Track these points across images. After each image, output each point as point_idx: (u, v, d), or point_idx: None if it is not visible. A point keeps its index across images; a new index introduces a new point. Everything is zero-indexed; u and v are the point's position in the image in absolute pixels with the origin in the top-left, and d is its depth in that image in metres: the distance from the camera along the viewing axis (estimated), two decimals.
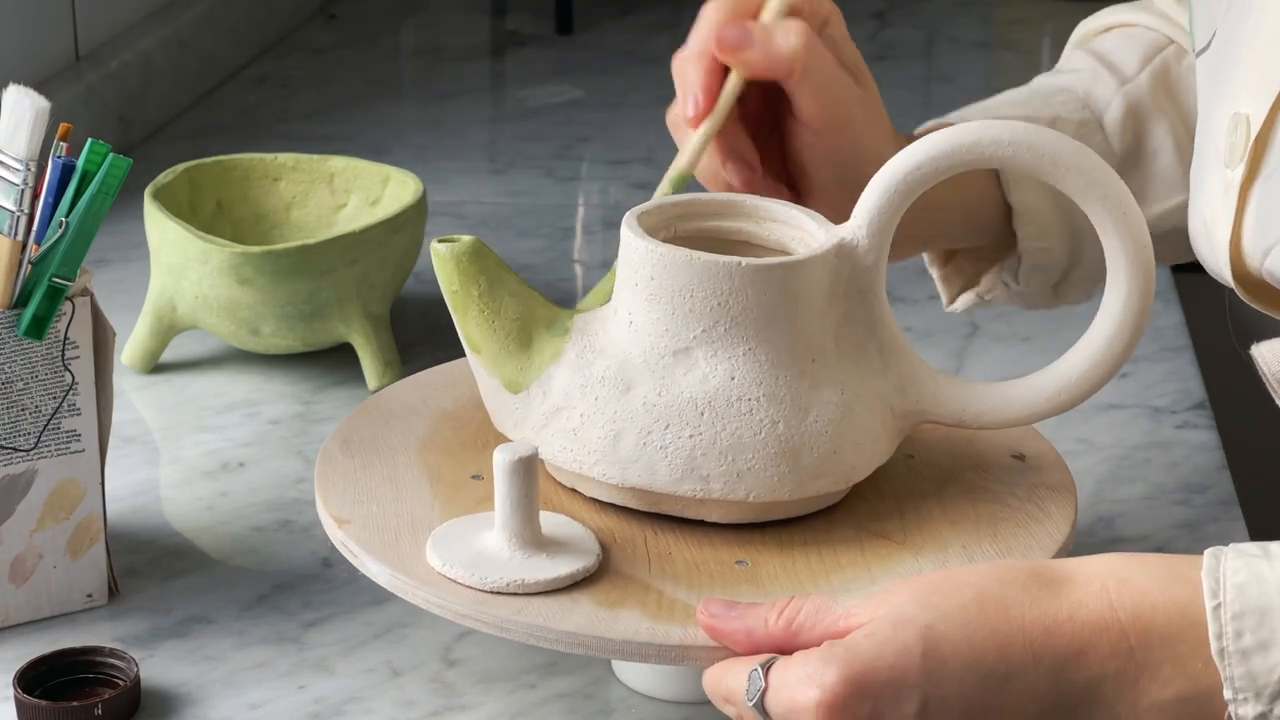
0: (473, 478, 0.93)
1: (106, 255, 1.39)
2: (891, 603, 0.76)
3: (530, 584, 0.84)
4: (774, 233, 0.93)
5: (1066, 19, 2.08)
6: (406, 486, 0.92)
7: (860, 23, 2.06)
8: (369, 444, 0.95)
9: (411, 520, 0.89)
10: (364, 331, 1.22)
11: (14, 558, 0.97)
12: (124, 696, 0.91)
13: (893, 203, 0.89)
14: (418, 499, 0.91)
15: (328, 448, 0.94)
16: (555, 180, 1.62)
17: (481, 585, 0.84)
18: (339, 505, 0.90)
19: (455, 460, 0.95)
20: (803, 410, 0.88)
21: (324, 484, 0.92)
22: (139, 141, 1.64)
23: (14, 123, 0.91)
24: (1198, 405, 1.23)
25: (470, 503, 0.91)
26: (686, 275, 0.88)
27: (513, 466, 0.84)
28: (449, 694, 0.94)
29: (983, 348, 1.31)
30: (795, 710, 0.75)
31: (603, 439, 0.88)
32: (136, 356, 1.25)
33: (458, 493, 0.92)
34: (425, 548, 0.87)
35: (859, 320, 0.91)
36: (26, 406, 0.95)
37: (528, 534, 0.85)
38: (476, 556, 0.85)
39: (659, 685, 0.93)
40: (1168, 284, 1.41)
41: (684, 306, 0.88)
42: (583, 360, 0.89)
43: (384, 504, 0.90)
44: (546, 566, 0.85)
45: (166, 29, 1.70)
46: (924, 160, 0.88)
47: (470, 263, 0.90)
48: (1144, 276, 0.90)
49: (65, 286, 0.93)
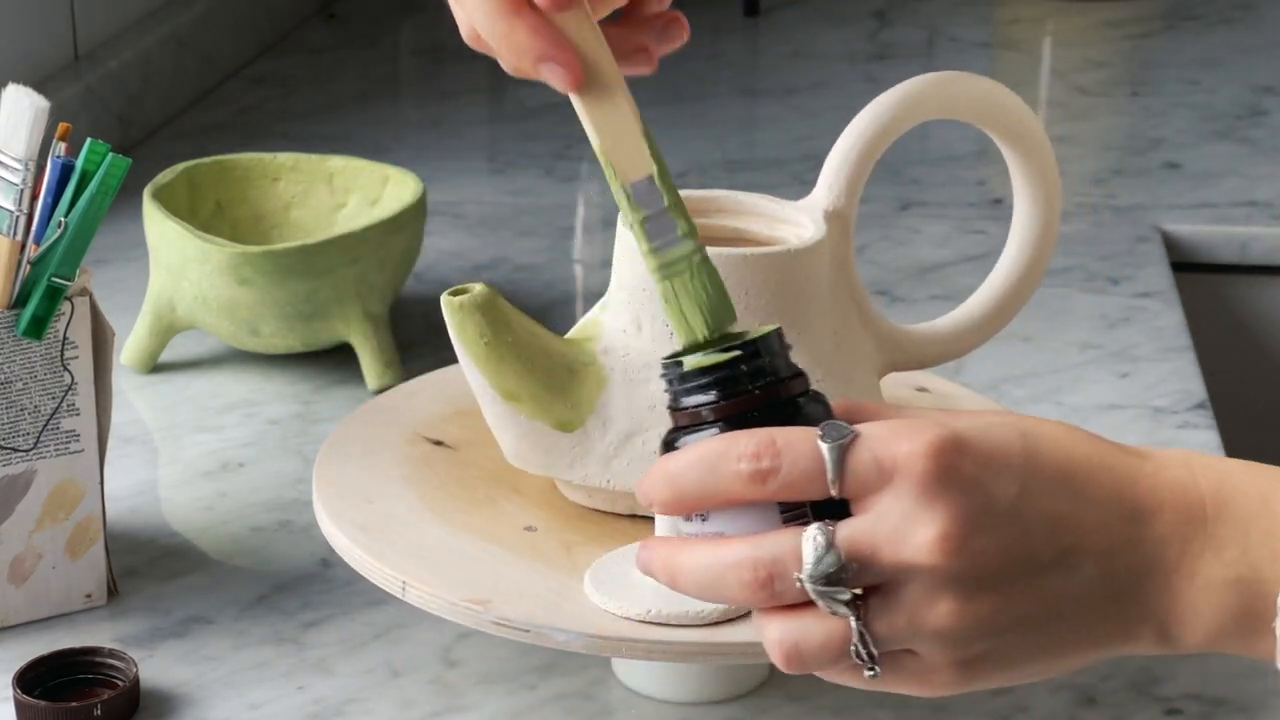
0: (526, 529, 0.91)
1: (106, 255, 1.39)
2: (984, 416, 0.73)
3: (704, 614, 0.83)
4: (754, 225, 0.94)
5: (1066, 19, 2.09)
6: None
7: (860, 23, 2.06)
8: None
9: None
10: (364, 331, 1.22)
11: (13, 558, 0.96)
12: (123, 697, 0.91)
13: (863, 167, 0.92)
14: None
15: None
16: (555, 180, 1.62)
17: (623, 614, 0.83)
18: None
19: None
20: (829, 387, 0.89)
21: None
22: (138, 141, 1.64)
23: (13, 122, 0.91)
24: (1198, 405, 1.23)
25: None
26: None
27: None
28: (449, 694, 0.93)
29: (983, 348, 1.31)
30: (893, 458, 0.69)
31: None
32: (136, 356, 1.24)
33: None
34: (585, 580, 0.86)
35: (844, 287, 0.92)
36: (26, 406, 0.95)
37: None
38: (624, 581, 0.85)
39: (659, 685, 0.93)
40: (1168, 284, 1.41)
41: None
42: (631, 379, 0.89)
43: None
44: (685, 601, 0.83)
45: (165, 29, 1.70)
46: (886, 120, 0.92)
47: (493, 311, 0.88)
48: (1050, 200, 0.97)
49: (64, 286, 0.93)
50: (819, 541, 0.69)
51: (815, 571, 0.69)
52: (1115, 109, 1.82)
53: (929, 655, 0.71)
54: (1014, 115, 0.95)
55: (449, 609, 0.84)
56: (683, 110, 1.78)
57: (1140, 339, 1.32)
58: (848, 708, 0.93)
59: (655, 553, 0.72)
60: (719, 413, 0.71)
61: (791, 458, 0.69)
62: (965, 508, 0.69)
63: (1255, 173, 1.63)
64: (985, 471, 0.70)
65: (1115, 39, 2.02)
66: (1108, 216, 1.54)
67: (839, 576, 0.69)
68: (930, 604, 0.69)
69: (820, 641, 0.70)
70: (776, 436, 0.69)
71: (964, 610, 0.70)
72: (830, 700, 0.93)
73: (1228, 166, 1.64)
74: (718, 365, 0.71)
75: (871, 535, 0.69)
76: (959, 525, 0.69)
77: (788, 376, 0.72)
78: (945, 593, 0.69)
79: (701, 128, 1.74)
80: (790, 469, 0.69)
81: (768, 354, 0.71)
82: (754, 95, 1.88)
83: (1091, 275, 1.43)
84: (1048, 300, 1.38)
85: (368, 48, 1.96)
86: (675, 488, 0.71)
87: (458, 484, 0.93)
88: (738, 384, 0.71)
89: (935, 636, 0.70)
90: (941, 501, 0.69)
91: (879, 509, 0.69)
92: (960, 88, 0.94)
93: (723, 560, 0.70)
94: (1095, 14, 2.09)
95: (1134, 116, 1.80)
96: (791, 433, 0.69)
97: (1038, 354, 1.30)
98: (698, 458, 0.70)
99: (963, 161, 1.67)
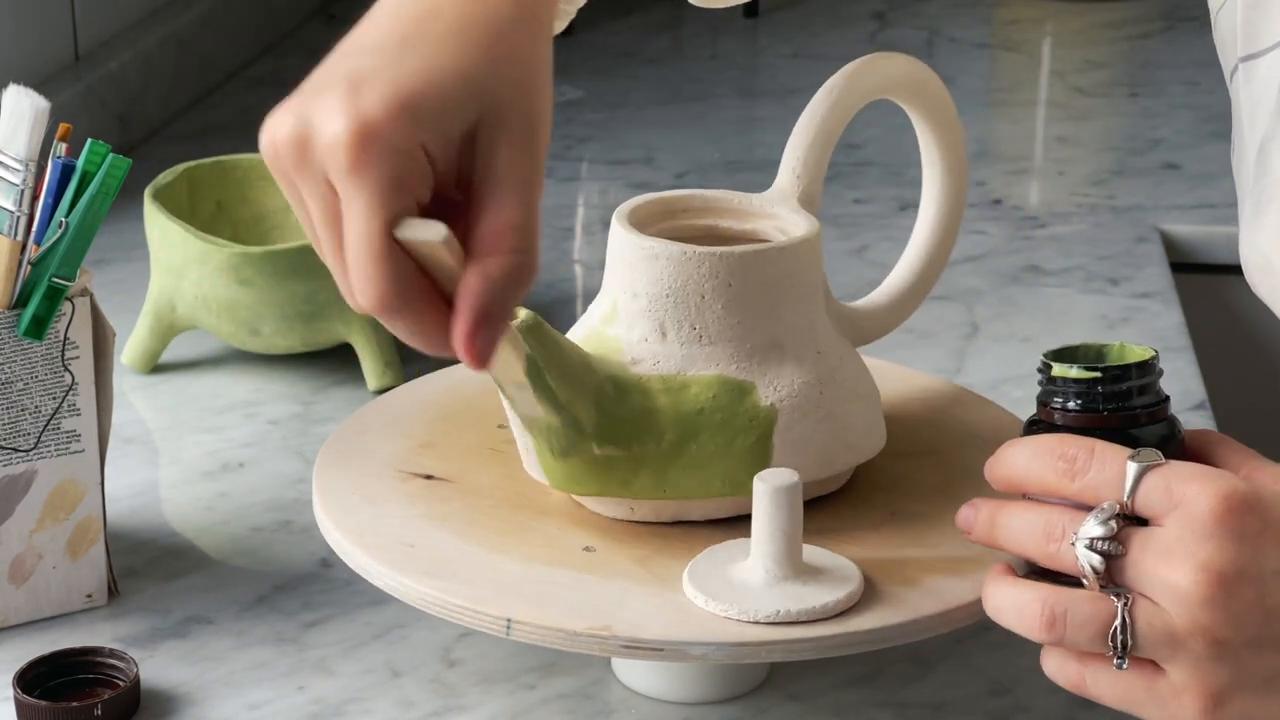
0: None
1: (106, 255, 1.39)
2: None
3: (802, 612, 0.83)
4: (725, 221, 0.95)
5: (1066, 19, 2.09)
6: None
7: (860, 23, 2.06)
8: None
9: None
10: (364, 332, 1.22)
11: (14, 558, 0.96)
12: (124, 697, 0.91)
13: (825, 153, 0.96)
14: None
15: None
16: (555, 180, 1.62)
17: (751, 618, 0.83)
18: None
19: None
20: (838, 370, 0.93)
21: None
22: (139, 142, 1.64)
23: (14, 123, 0.91)
24: (1198, 405, 1.23)
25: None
26: (765, 268, 0.90)
27: (774, 494, 0.84)
28: (449, 694, 0.94)
29: (983, 348, 1.31)
30: (1183, 492, 0.75)
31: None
32: (136, 357, 1.24)
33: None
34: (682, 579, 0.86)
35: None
36: (26, 407, 0.95)
37: (792, 562, 0.85)
38: (733, 585, 0.84)
39: (659, 685, 0.93)
40: (1168, 284, 1.41)
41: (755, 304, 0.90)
42: (670, 386, 0.89)
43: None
44: (815, 594, 0.84)
45: (166, 29, 1.70)
46: (837, 104, 0.95)
47: (540, 334, 0.86)
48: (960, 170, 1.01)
49: (65, 287, 0.93)
50: (1105, 513, 0.76)
51: (1085, 531, 0.76)
52: (1114, 110, 1.82)
53: (1175, 676, 0.76)
54: (932, 90, 0.99)
55: (567, 640, 0.83)
56: (683, 110, 1.78)
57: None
58: (848, 708, 0.93)
59: (982, 508, 0.81)
60: (1067, 420, 0.81)
61: (1099, 465, 0.77)
62: (1232, 556, 0.74)
63: None
64: (1267, 533, 0.75)
65: (1115, 40, 2.02)
66: (1107, 217, 1.54)
67: (1103, 546, 0.76)
68: (1184, 625, 0.75)
69: (1086, 615, 0.77)
70: (1096, 446, 0.77)
71: (1211, 638, 0.75)
72: (830, 700, 0.93)
73: (1227, 167, 1.64)
74: (1077, 380, 0.81)
75: (1144, 542, 0.76)
76: (1222, 566, 0.74)
77: (1139, 406, 0.81)
78: (1200, 619, 0.75)
79: (701, 128, 1.74)
80: (1096, 474, 0.77)
81: (1126, 381, 0.81)
82: (754, 95, 1.88)
83: (1091, 275, 1.43)
84: (1048, 300, 1.39)
85: None
86: (1007, 465, 0.80)
87: (477, 513, 0.91)
88: (1091, 401, 0.81)
89: (1186, 657, 0.75)
90: (1213, 541, 0.74)
91: (1158, 530, 0.76)
92: (891, 66, 0.97)
93: (1033, 515, 0.79)
94: (1095, 15, 2.09)
95: (1133, 117, 1.80)
96: (1110, 447, 0.77)
97: (1038, 354, 1.29)
98: (1033, 446, 0.79)
99: None
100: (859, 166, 1.64)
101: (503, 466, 0.94)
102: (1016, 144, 1.73)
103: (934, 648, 0.97)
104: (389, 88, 0.72)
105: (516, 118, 0.75)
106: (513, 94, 0.75)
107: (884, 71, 0.97)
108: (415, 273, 0.73)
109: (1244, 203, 0.90)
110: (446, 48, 0.74)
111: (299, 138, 0.73)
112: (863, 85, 0.96)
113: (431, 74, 0.73)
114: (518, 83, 0.75)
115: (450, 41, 0.75)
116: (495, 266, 0.73)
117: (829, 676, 0.95)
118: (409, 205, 0.73)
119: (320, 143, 0.73)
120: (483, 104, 0.74)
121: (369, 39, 0.76)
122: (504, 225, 0.74)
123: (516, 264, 0.73)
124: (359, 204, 0.72)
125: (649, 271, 0.90)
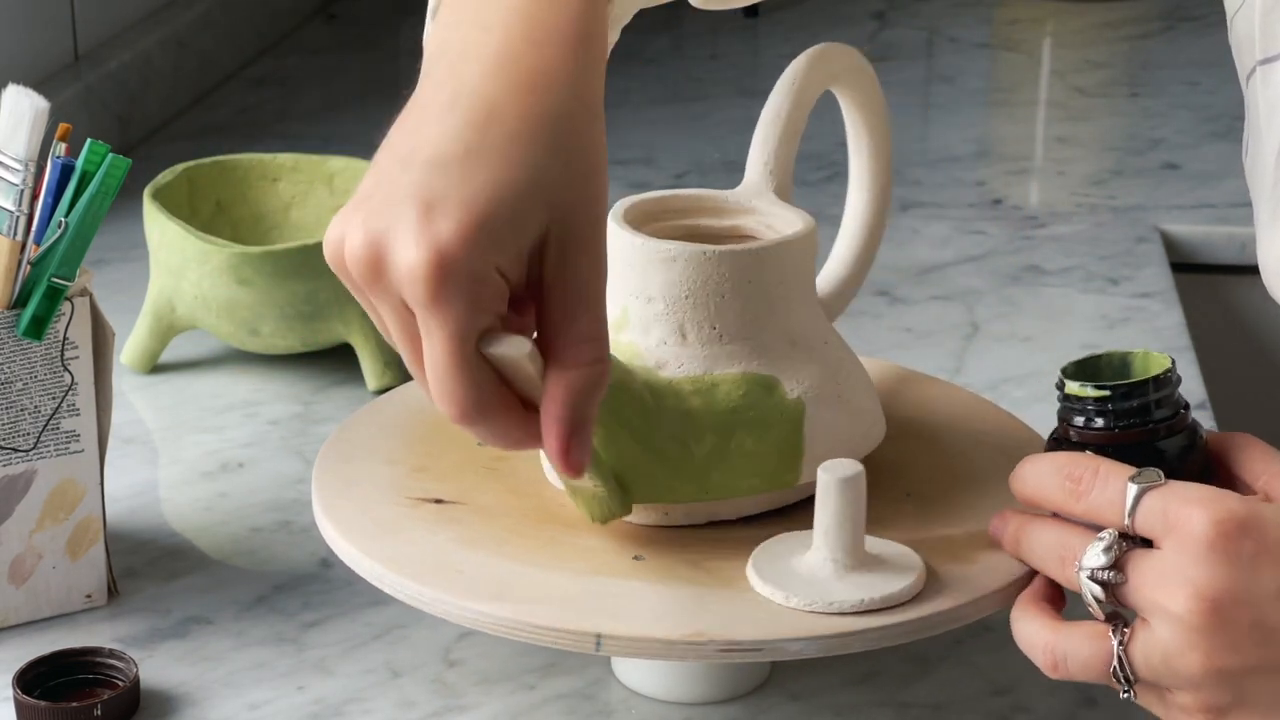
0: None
1: (106, 255, 1.39)
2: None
3: (883, 599, 0.84)
4: (706, 220, 0.95)
5: (1066, 19, 2.09)
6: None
7: (860, 23, 2.06)
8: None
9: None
10: (364, 332, 1.22)
11: (13, 558, 0.96)
12: (123, 697, 0.91)
13: (792, 144, 0.96)
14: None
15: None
16: None
17: (838, 610, 0.84)
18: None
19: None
20: (844, 359, 0.93)
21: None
22: (138, 142, 1.64)
23: (13, 123, 0.91)
24: (1198, 405, 1.23)
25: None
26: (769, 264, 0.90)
27: (841, 485, 0.84)
28: (449, 695, 0.93)
29: (983, 348, 1.31)
30: (1179, 515, 0.76)
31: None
32: (136, 357, 1.24)
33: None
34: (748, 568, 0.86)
35: None
36: (26, 407, 0.95)
37: (858, 552, 0.85)
38: (803, 579, 0.85)
39: (659, 685, 0.93)
40: (1168, 284, 1.41)
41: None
42: (701, 388, 0.89)
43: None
44: (887, 581, 0.84)
45: (166, 29, 1.70)
46: (800, 96, 0.96)
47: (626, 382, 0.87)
48: (887, 152, 1.02)
49: (64, 287, 0.93)
50: (1105, 542, 0.78)
51: (1086, 562, 0.78)
52: (1115, 110, 1.82)
53: (1179, 697, 0.78)
54: (868, 80, 1.00)
55: (663, 649, 0.82)
56: (683, 110, 1.78)
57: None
58: (848, 708, 0.93)
59: (1010, 522, 0.84)
60: (1083, 437, 0.82)
61: (1101, 486, 0.79)
62: (1226, 579, 0.75)
63: None
64: (1264, 555, 0.76)
65: (1115, 40, 2.02)
66: (1108, 217, 1.54)
67: (1103, 576, 0.78)
68: (1183, 651, 0.76)
69: (1085, 658, 0.80)
70: (1101, 466, 0.79)
71: (1210, 664, 0.76)
72: (830, 700, 0.93)
73: (1227, 167, 1.64)
74: (1086, 398, 0.82)
75: (1142, 567, 0.77)
76: (1216, 593, 0.75)
77: (1154, 420, 0.82)
78: (1198, 646, 0.76)
79: (701, 128, 1.74)
80: (1099, 495, 0.79)
81: (1137, 397, 0.82)
82: (754, 95, 1.87)
83: (1091, 275, 1.43)
84: (1048, 300, 1.39)
85: (368, 48, 1.96)
86: (1024, 482, 0.82)
87: (505, 532, 0.90)
88: (1105, 418, 0.82)
89: (1186, 682, 0.77)
90: (1206, 566, 0.75)
91: (1156, 554, 0.77)
92: (842, 57, 0.98)
93: (1051, 535, 0.82)
94: (1095, 15, 2.09)
95: (1133, 117, 1.80)
96: (1115, 467, 0.79)
97: (1038, 354, 1.30)
98: (1045, 464, 0.81)
99: (962, 162, 1.67)
100: None
101: (499, 482, 0.93)
102: (1016, 144, 1.73)
103: (934, 648, 0.97)
104: (463, 213, 0.72)
105: (585, 215, 0.75)
106: (581, 190, 0.75)
107: (836, 62, 0.97)
108: (494, 382, 0.75)
109: (1260, 206, 0.90)
110: (513, 155, 0.74)
111: (372, 260, 0.73)
112: (818, 76, 0.96)
113: (503, 189, 0.73)
114: (584, 176, 0.76)
115: (516, 147, 0.74)
116: (578, 379, 0.75)
117: (829, 676, 0.95)
118: (489, 325, 0.74)
119: (395, 269, 0.73)
120: (552, 209, 0.74)
121: (430, 149, 0.75)
122: (582, 338, 0.75)
123: (596, 374, 0.76)
124: (440, 330, 0.73)
125: (666, 274, 0.89)
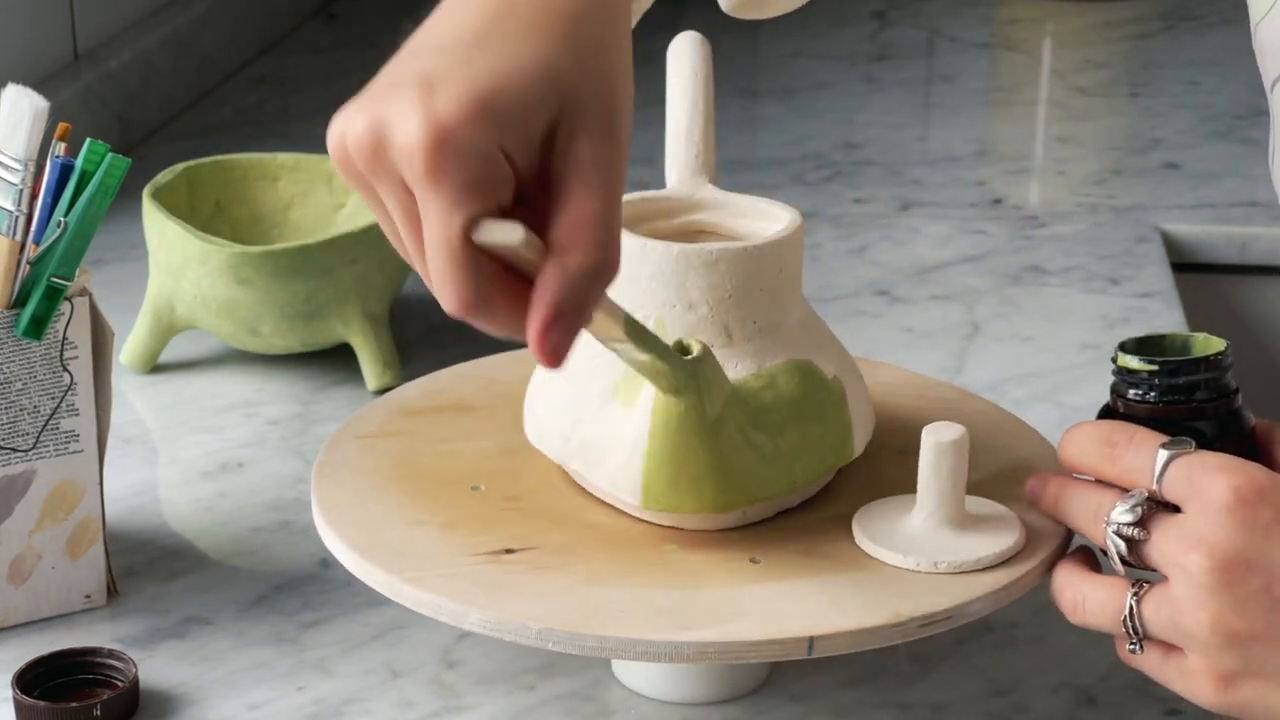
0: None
1: (105, 255, 1.39)
2: None
3: (974, 561, 0.86)
4: (681, 219, 0.96)
5: (1066, 19, 2.09)
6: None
7: (860, 23, 2.06)
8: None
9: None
10: (363, 331, 1.22)
11: (13, 558, 0.96)
12: (123, 697, 0.91)
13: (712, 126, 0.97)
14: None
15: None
16: None
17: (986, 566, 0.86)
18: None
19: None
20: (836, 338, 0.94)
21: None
22: (138, 141, 1.64)
23: (13, 122, 0.91)
24: None
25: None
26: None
27: (952, 447, 0.86)
28: (448, 695, 0.93)
29: (983, 348, 1.31)
30: (1202, 480, 0.79)
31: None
32: (135, 356, 1.24)
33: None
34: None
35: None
36: (25, 407, 0.95)
37: (958, 514, 0.87)
38: (931, 543, 0.87)
39: (658, 685, 0.93)
40: (1168, 284, 1.41)
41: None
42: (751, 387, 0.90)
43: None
44: (1000, 537, 0.87)
45: (165, 29, 1.70)
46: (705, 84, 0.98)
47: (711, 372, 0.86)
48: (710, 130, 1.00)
49: (64, 286, 0.93)
50: (1133, 500, 0.81)
51: (1114, 516, 0.82)
52: (1115, 109, 1.82)
53: (1190, 659, 0.80)
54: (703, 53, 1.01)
55: (870, 638, 0.83)
56: None
57: None
58: (848, 708, 0.93)
59: (1050, 483, 0.87)
60: (1129, 409, 0.85)
61: (1135, 451, 0.82)
62: (1240, 542, 0.78)
63: (1255, 173, 1.63)
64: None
65: (1115, 39, 2.02)
66: (1108, 217, 1.54)
67: (1128, 532, 0.81)
68: (1192, 610, 0.79)
69: (1101, 601, 0.83)
70: (1137, 433, 0.82)
71: (1218, 625, 0.78)
72: (830, 700, 0.93)
73: (1228, 167, 1.64)
74: (1136, 371, 0.85)
75: (1164, 526, 0.80)
76: (1226, 553, 0.78)
77: (1197, 400, 0.84)
78: (1206, 606, 0.78)
79: None
80: (1131, 460, 0.82)
81: (1183, 375, 0.84)
82: (754, 95, 1.88)
83: (1092, 275, 1.43)
84: (1048, 300, 1.39)
85: (368, 48, 1.96)
86: (1066, 447, 0.85)
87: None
88: (1150, 392, 0.85)
89: (1193, 640, 0.79)
90: (1222, 528, 0.78)
91: (1180, 516, 0.80)
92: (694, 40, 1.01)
93: (1087, 495, 0.85)
94: (1095, 14, 2.09)
95: (1133, 117, 1.80)
96: (1149, 434, 0.82)
97: (1038, 354, 1.30)
98: (1087, 430, 0.84)
99: (963, 161, 1.67)
100: (859, 166, 1.64)
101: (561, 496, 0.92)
102: (1017, 144, 1.73)
103: (934, 648, 0.97)
104: (464, 88, 0.70)
105: (597, 109, 0.73)
106: (594, 85, 0.73)
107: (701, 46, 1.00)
108: (498, 273, 0.71)
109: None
110: (523, 42, 0.72)
111: (372, 141, 0.71)
112: (704, 52, 0.98)
113: (509, 71, 0.71)
114: (599, 73, 0.73)
115: (527, 36, 0.72)
116: (573, 261, 0.70)
117: (829, 677, 0.95)
118: (488, 208, 0.70)
119: (395, 147, 0.70)
120: (563, 98, 0.72)
121: (440, 37, 0.73)
122: (583, 218, 0.71)
123: (596, 259, 0.71)
124: (437, 209, 0.70)
125: (708, 277, 0.89)
